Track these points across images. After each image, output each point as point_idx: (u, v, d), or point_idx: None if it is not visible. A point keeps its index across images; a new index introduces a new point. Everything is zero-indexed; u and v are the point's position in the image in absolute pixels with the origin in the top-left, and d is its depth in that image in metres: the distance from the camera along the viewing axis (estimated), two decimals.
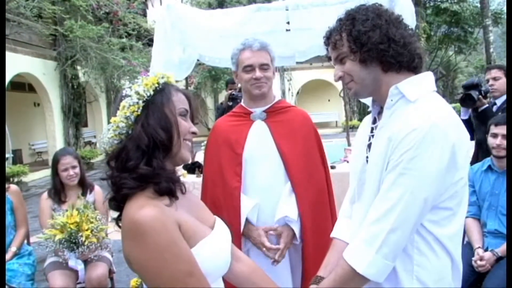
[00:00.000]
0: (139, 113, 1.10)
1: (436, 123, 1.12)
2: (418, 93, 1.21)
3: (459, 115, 3.59)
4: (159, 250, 1.00)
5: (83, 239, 2.67)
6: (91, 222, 2.74)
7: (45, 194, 3.08)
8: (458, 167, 1.15)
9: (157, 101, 1.12)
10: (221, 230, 1.23)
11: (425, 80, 1.26)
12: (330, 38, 1.31)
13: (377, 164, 1.23)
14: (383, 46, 1.21)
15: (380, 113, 1.33)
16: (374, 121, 1.35)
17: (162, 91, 1.14)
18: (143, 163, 1.08)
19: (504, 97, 3.46)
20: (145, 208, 1.03)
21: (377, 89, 1.28)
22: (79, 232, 2.68)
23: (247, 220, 1.98)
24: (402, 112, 1.20)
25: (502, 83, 3.47)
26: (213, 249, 1.13)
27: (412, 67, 1.25)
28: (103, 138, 1.13)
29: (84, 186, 3.12)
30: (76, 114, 13.01)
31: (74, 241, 2.68)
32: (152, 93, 1.12)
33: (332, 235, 1.49)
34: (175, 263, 1.01)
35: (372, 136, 1.32)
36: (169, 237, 1.02)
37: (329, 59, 1.36)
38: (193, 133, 1.18)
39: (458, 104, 3.64)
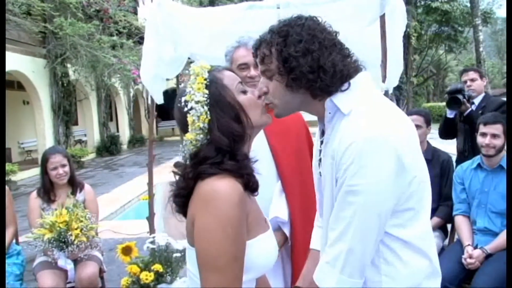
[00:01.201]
0: (209, 117, 1.08)
1: (370, 135, 1.06)
2: (351, 104, 1.14)
3: (445, 113, 3.73)
4: (225, 220, 0.99)
5: (73, 238, 2.65)
6: (81, 221, 2.72)
7: (34, 193, 3.05)
8: (407, 168, 1.09)
9: (215, 95, 1.10)
10: (272, 230, 1.23)
11: (358, 86, 1.16)
12: (259, 49, 1.19)
13: (327, 181, 1.19)
14: (312, 76, 1.11)
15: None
16: (322, 134, 1.29)
17: (213, 82, 1.12)
18: (226, 159, 1.08)
19: (480, 97, 3.67)
20: (226, 180, 1.03)
21: (307, 109, 1.23)
22: (68, 231, 2.65)
23: None
24: (339, 127, 1.15)
25: (478, 84, 3.70)
26: (268, 245, 1.14)
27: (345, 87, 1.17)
28: (184, 153, 1.12)
29: (74, 185, 3.10)
30: (66, 112, 12.90)
31: (63, 240, 2.66)
32: (207, 91, 1.10)
33: (310, 246, 1.48)
34: (229, 241, 1.00)
35: (321, 151, 1.28)
36: (239, 215, 1.02)
37: (256, 65, 1.27)
38: (259, 96, 1.17)
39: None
